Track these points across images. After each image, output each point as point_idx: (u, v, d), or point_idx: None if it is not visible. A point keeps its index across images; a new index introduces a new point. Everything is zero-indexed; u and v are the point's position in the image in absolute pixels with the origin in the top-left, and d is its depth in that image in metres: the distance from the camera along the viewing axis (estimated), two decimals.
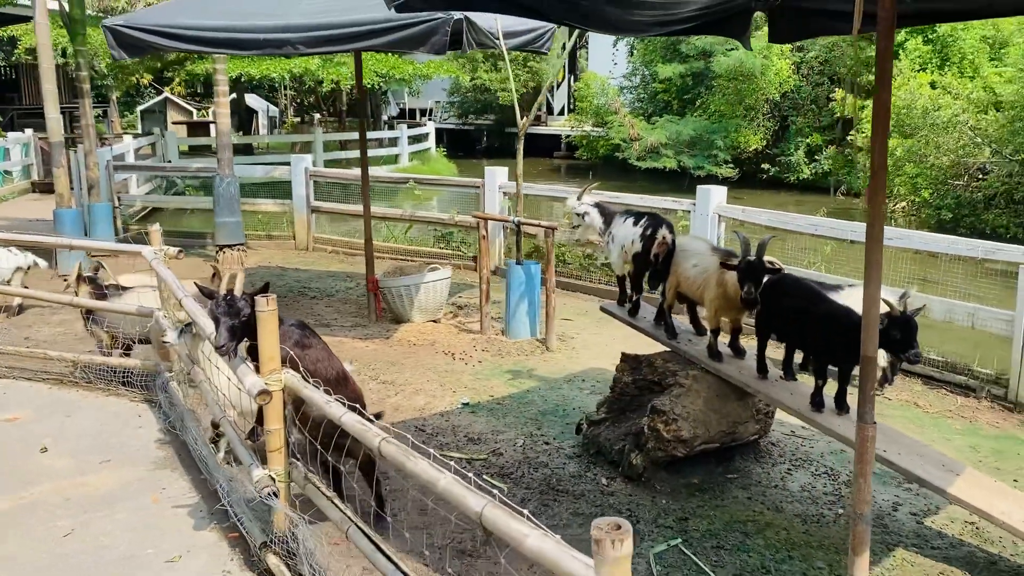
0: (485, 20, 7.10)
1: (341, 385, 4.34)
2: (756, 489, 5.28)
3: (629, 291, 6.26)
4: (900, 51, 20.46)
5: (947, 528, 4.85)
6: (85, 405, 6.33)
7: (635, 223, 5.97)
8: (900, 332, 4.46)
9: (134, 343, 6.73)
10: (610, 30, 5.18)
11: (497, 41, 7.30)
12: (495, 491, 2.39)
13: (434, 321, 8.87)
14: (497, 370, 7.44)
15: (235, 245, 11.52)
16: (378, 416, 4.26)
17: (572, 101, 38.07)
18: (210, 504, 4.79)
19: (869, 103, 20.81)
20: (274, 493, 3.84)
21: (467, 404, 6.60)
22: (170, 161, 20.97)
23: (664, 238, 5.61)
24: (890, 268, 7.67)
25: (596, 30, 5.22)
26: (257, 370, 3.90)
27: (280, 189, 13.78)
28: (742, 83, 23.13)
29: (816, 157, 23.41)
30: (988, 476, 4.76)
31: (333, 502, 3.63)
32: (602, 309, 6.42)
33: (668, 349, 5.80)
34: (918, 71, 18.39)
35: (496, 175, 11.21)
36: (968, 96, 16.03)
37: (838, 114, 22.19)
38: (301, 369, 3.94)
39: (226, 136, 11.24)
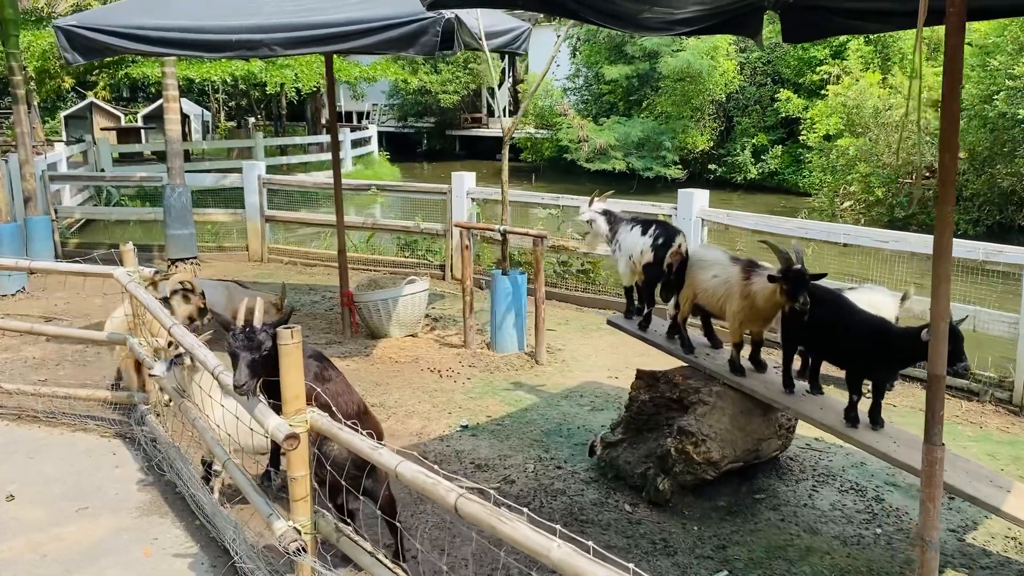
0: (468, 20, 6.75)
1: (361, 420, 3.94)
2: (787, 510, 5.05)
3: (637, 303, 5.98)
4: (845, 51, 20.75)
5: (990, 544, 4.69)
6: (50, 443, 5.75)
7: (643, 231, 5.69)
8: (949, 344, 4.27)
9: None
10: (622, 26, 4.91)
11: (481, 42, 6.95)
12: None
13: (412, 336, 8.47)
14: (489, 387, 7.08)
15: (188, 258, 10.91)
16: None
17: (516, 103, 37.89)
18: (211, 554, 4.32)
19: (813, 103, 21.13)
20: (302, 548, 3.43)
21: (466, 426, 6.23)
22: (103, 170, 19.95)
23: (679, 247, 5.35)
24: (887, 271, 7.59)
25: (609, 26, 4.94)
26: (276, 409, 3.48)
27: (231, 197, 13.14)
28: (689, 84, 23.20)
29: (762, 157, 23.63)
30: None
31: (376, 557, 3.24)
32: (610, 323, 6.13)
33: (684, 364, 5.53)
34: (863, 71, 18.63)
35: (464, 180, 10.84)
36: (927, 96, 16.26)
37: (783, 114, 22.40)
38: (322, 405, 3.55)
39: (177, 143, 10.63)
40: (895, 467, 5.43)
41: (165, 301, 6.44)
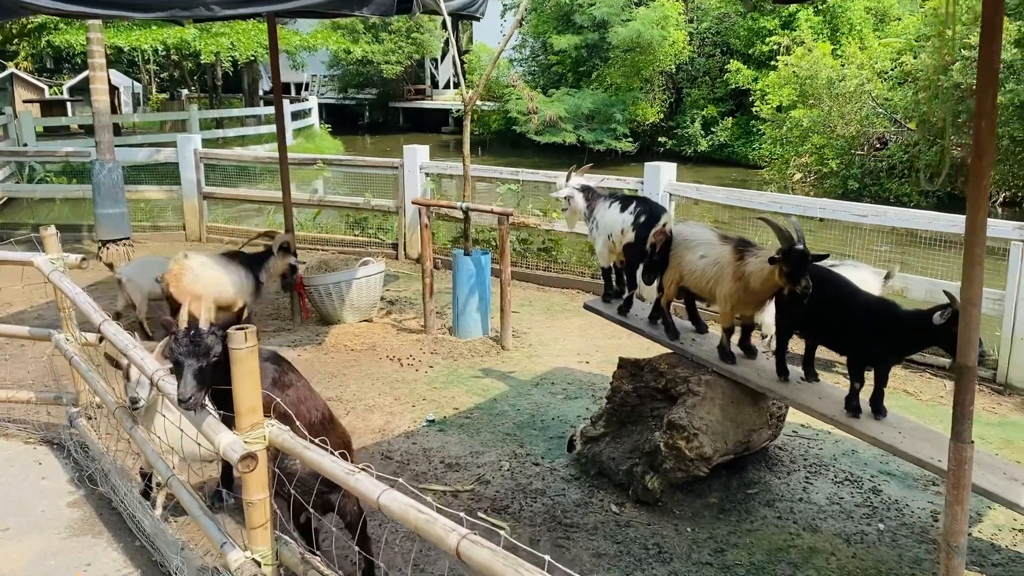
0: None
1: (327, 430, 3.47)
2: (782, 505, 4.73)
3: (616, 285, 5.58)
4: (795, 22, 20.59)
5: (997, 538, 4.43)
6: None
7: (623, 208, 5.28)
8: None
9: None
10: None
11: (440, 3, 6.41)
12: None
13: (367, 321, 7.95)
14: (454, 376, 6.63)
15: (120, 239, 10.17)
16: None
17: (459, 74, 37.11)
18: None
19: (764, 75, 20.94)
20: None
21: (433, 421, 5.77)
22: (26, 144, 18.75)
23: (664, 226, 4.94)
24: (863, 247, 7.33)
25: None
26: (228, 421, 2.98)
27: (165, 173, 12.34)
28: (639, 55, 22.79)
29: (712, 129, 23.42)
30: None
31: None
32: (587, 307, 5.71)
33: (669, 351, 5.14)
34: (814, 42, 18.45)
35: (417, 154, 10.27)
36: (872, 66, 16.17)
37: (733, 85, 22.19)
38: (281, 415, 3.06)
39: (106, 116, 9.84)
40: (892, 456, 5.19)
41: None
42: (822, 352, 4.98)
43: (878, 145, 17.26)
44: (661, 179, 8.37)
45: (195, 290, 6.67)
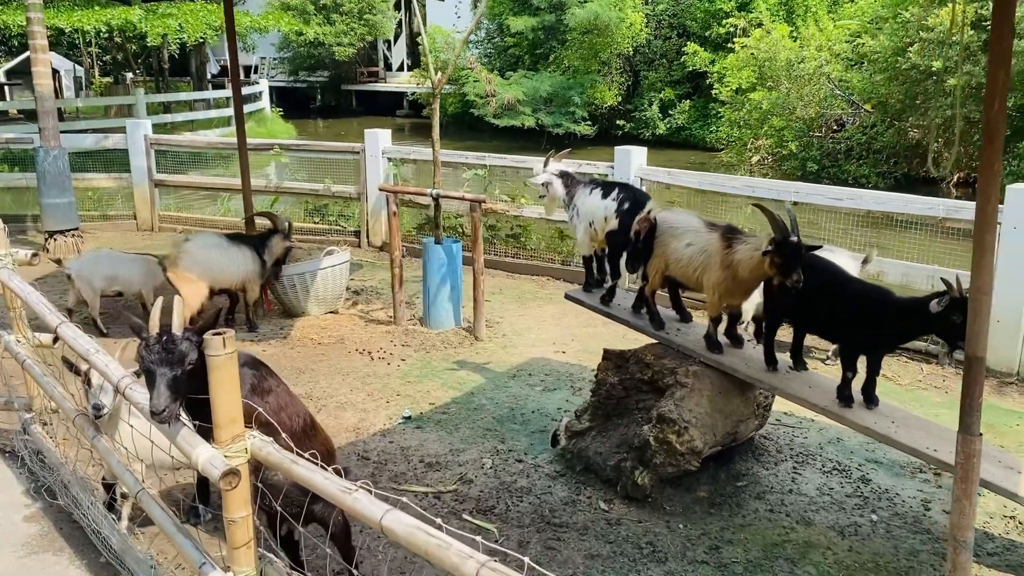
0: None
1: (309, 437, 3.25)
2: (773, 498, 4.63)
3: (597, 274, 5.42)
4: (751, 3, 20.59)
5: (989, 526, 4.39)
6: None
7: (605, 195, 5.11)
8: (962, 315, 3.86)
9: None
10: None
11: None
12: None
13: (333, 312, 7.69)
14: (427, 370, 6.42)
15: (68, 230, 9.71)
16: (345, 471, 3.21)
17: (412, 56, 36.60)
18: None
19: (721, 57, 20.95)
20: None
21: (409, 418, 5.56)
22: None
23: (649, 213, 4.78)
24: (840, 231, 7.27)
25: None
26: (204, 432, 2.75)
27: (114, 160, 11.83)
28: (596, 37, 22.62)
29: (670, 112, 23.39)
30: None
31: None
32: (568, 297, 5.53)
33: (653, 341, 4.99)
34: (772, 23, 18.47)
35: (379, 138, 9.98)
36: (830, 48, 16.21)
37: (690, 68, 22.16)
38: (262, 424, 2.84)
39: (49, 101, 9.35)
40: (878, 444, 5.13)
41: None
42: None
43: (835, 127, 17.37)
44: (632, 163, 8.22)
45: (193, 275, 6.50)
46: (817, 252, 5.88)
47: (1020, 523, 4.39)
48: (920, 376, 6.36)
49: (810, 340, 5.44)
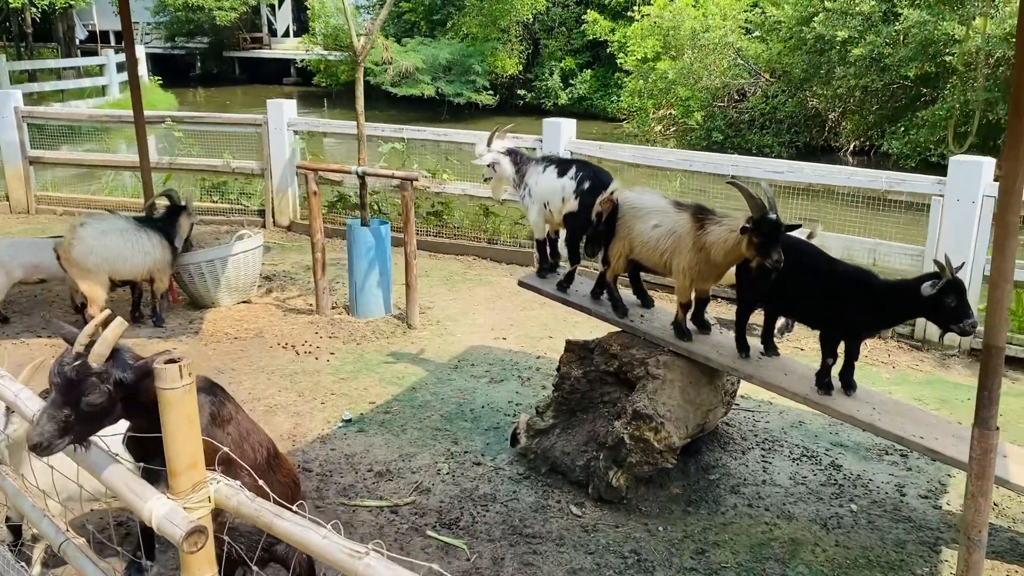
0: None
1: (274, 469, 2.76)
2: (748, 491, 4.42)
3: (552, 258, 5.05)
4: None
5: None
6: None
7: (561, 173, 4.73)
8: (956, 298, 3.70)
9: None
10: None
11: None
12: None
13: (246, 302, 7.06)
14: (361, 363, 5.92)
15: None
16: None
17: (299, 22, 34.99)
18: None
19: (621, 26, 20.80)
20: None
21: (350, 420, 5.08)
22: None
23: (612, 193, 4.43)
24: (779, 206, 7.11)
25: None
26: (152, 476, 2.25)
27: None
28: (495, 3, 22.07)
29: (571, 82, 23.14)
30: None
31: None
32: (521, 284, 5.13)
33: (617, 330, 4.67)
34: None
35: (284, 109, 9.29)
36: (735, 17, 16.24)
37: (590, 36, 21.93)
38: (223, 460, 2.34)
39: None
40: (842, 426, 5.01)
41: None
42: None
43: (737, 97, 17.51)
44: (561, 136, 7.87)
45: (88, 265, 5.72)
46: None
47: (999, 507, 4.32)
48: (865, 351, 6.29)
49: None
